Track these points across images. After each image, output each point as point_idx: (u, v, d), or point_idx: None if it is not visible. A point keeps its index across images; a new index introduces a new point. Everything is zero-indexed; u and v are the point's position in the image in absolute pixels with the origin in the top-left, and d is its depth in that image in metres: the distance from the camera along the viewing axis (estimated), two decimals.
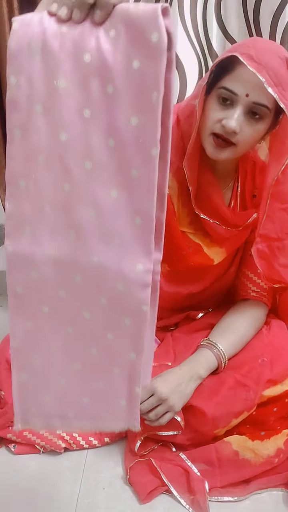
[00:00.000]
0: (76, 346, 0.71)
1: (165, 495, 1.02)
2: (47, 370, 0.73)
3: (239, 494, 1.01)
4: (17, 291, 0.67)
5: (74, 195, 0.60)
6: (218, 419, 1.04)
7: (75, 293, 0.66)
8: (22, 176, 0.60)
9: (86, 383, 0.74)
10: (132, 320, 0.65)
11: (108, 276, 0.62)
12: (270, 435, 1.06)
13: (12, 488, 1.06)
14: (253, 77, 0.90)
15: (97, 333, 0.69)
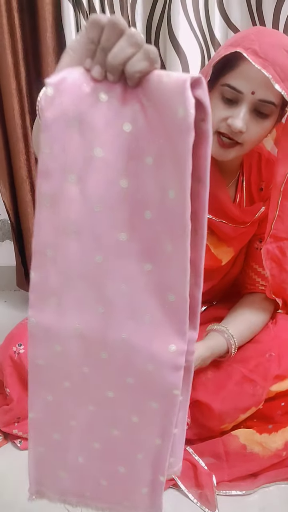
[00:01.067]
0: (97, 425, 0.67)
1: (172, 490, 1.02)
2: (65, 446, 0.69)
3: (247, 488, 1.01)
4: (38, 363, 0.63)
5: (105, 268, 0.56)
6: (225, 414, 1.03)
7: (99, 370, 0.62)
8: (50, 246, 0.56)
9: (106, 465, 0.70)
10: (161, 404, 0.61)
11: (137, 355, 0.59)
12: (278, 428, 1.05)
13: (18, 483, 1.05)
14: (258, 74, 0.86)
15: (121, 414, 0.64)
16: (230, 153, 0.96)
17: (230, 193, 1.12)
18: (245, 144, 0.94)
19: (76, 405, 0.66)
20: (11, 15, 1.43)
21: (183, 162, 0.48)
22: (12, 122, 1.52)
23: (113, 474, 0.69)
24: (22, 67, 1.48)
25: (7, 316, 1.71)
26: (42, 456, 0.70)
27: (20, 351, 1.10)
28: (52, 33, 1.43)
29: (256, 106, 0.90)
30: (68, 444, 0.69)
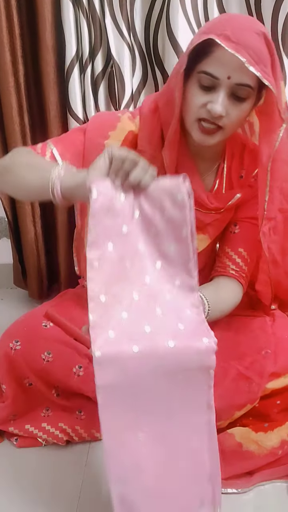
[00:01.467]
0: (158, 428, 0.79)
1: None
2: (138, 466, 0.80)
3: (243, 486, 1.01)
4: (107, 391, 0.76)
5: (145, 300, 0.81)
6: (221, 411, 1.03)
7: (156, 379, 0.76)
8: (103, 293, 0.78)
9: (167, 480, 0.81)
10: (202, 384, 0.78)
11: (183, 351, 0.76)
12: (273, 427, 1.05)
13: (14, 481, 1.05)
14: (232, 58, 0.88)
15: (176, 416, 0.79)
16: (213, 138, 0.99)
17: (209, 180, 1.14)
18: (225, 128, 0.97)
19: (142, 410, 0.78)
20: (10, 13, 1.42)
21: (183, 225, 0.80)
22: (10, 120, 1.52)
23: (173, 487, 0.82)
24: (20, 65, 1.48)
25: (4, 314, 1.70)
26: (123, 490, 0.82)
27: (17, 347, 1.09)
28: (51, 31, 1.43)
29: (233, 90, 0.93)
30: (139, 461, 0.79)
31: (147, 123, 1.07)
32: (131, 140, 1.07)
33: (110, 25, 1.39)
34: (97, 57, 1.43)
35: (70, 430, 1.13)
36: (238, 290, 1.14)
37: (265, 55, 0.90)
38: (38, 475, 1.07)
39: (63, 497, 1.01)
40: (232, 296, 1.13)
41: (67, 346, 1.13)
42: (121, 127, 1.07)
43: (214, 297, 1.04)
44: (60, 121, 1.54)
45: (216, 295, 1.07)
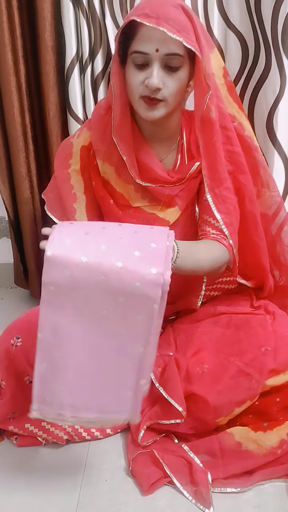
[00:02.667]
0: (93, 339, 0.83)
1: (167, 487, 1.02)
2: (65, 362, 0.84)
3: (242, 485, 1.01)
4: (50, 289, 0.81)
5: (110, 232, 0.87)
6: (221, 407, 1.04)
7: (98, 293, 0.80)
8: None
9: (98, 376, 0.86)
10: (143, 316, 0.81)
11: (128, 275, 0.78)
12: (273, 426, 1.05)
13: (14, 480, 1.06)
14: (156, 32, 0.95)
15: (112, 328, 0.83)
16: (158, 111, 1.05)
17: (171, 159, 1.20)
18: (167, 99, 1.04)
19: (75, 325, 0.83)
20: (11, 13, 1.43)
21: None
22: (11, 120, 1.53)
23: (105, 381, 0.86)
24: (21, 65, 1.48)
25: (4, 314, 1.71)
26: (45, 371, 0.86)
27: (18, 343, 1.10)
28: (51, 32, 1.44)
29: (165, 62, 1.00)
30: (68, 359, 0.84)
31: (98, 124, 1.17)
32: (85, 153, 1.19)
33: (111, 25, 1.39)
34: (97, 57, 1.44)
35: (70, 429, 1.14)
36: (219, 247, 1.11)
37: (186, 23, 0.97)
38: (38, 474, 1.07)
39: (63, 496, 1.01)
40: (211, 249, 1.11)
41: None
42: (75, 151, 1.20)
43: (188, 245, 1.02)
44: (60, 121, 1.54)
45: (191, 244, 1.07)
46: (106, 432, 1.15)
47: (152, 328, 0.82)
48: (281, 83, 1.30)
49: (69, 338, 0.84)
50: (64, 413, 0.88)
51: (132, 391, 0.86)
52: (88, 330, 0.83)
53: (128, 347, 0.84)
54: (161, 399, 1.08)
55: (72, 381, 0.86)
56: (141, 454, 1.06)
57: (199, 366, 1.09)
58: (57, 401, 0.87)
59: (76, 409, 0.88)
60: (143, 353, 0.84)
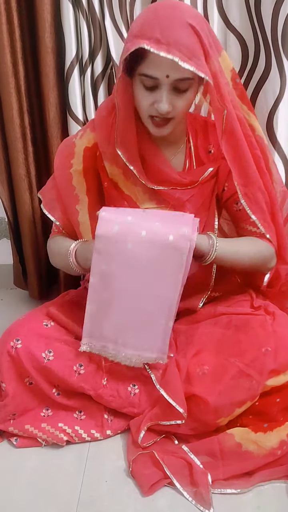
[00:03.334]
0: (133, 286, 1.02)
1: (168, 488, 1.02)
2: (110, 302, 1.04)
3: (242, 486, 1.01)
4: (101, 240, 1.00)
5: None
6: (221, 408, 1.04)
7: (138, 245, 0.99)
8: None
9: (136, 317, 1.04)
10: (174, 266, 0.99)
11: (161, 231, 0.99)
12: (273, 427, 1.05)
13: (14, 481, 1.05)
14: (167, 58, 0.93)
15: (149, 277, 1.01)
16: (167, 128, 1.09)
17: (179, 161, 1.21)
18: (176, 117, 1.07)
19: (120, 273, 1.02)
20: (10, 15, 1.43)
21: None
22: (10, 121, 1.53)
23: (139, 323, 1.05)
24: (20, 66, 1.48)
25: (4, 315, 1.70)
26: (94, 311, 1.06)
27: (18, 346, 1.10)
28: (50, 32, 1.44)
29: (174, 85, 1.01)
30: (112, 302, 1.04)
31: (102, 127, 1.16)
32: (89, 154, 1.19)
33: (110, 26, 1.39)
34: (97, 59, 1.44)
35: (70, 430, 1.14)
36: (261, 242, 1.19)
37: (197, 48, 0.96)
38: (37, 475, 1.07)
39: (63, 497, 1.01)
40: (251, 243, 1.19)
41: (67, 345, 1.14)
42: (78, 151, 1.19)
43: (225, 239, 1.14)
44: (59, 122, 1.54)
45: (228, 238, 1.17)
46: (106, 433, 1.15)
47: (180, 277, 1.00)
48: (281, 84, 1.31)
49: (113, 282, 1.02)
50: (107, 346, 1.08)
51: (161, 332, 1.04)
52: (129, 276, 1.01)
53: (160, 293, 1.01)
54: (161, 400, 1.08)
55: (115, 319, 1.05)
56: (141, 455, 1.06)
57: (199, 367, 1.09)
58: (102, 335, 1.07)
59: (117, 344, 1.07)
60: (172, 299, 1.02)
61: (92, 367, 1.14)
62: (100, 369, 1.14)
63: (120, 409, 1.15)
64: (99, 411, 1.16)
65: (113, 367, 1.14)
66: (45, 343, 1.13)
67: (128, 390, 1.14)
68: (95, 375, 1.14)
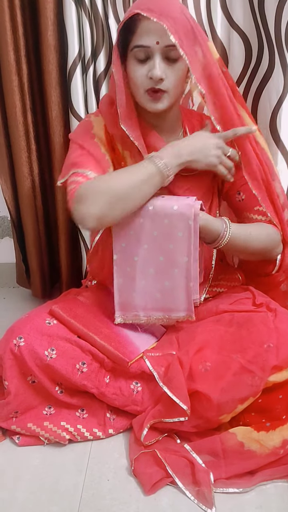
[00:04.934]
0: (150, 256, 1.13)
1: (170, 487, 1.02)
2: (133, 274, 1.15)
3: (244, 486, 1.01)
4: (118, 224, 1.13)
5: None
6: (224, 404, 1.03)
7: (149, 219, 1.10)
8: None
9: (158, 283, 1.14)
10: (183, 232, 1.08)
11: (169, 203, 1.09)
12: (275, 426, 1.05)
13: (16, 480, 1.06)
14: (156, 25, 1.02)
15: (163, 245, 1.11)
16: (162, 103, 1.12)
17: None
18: (169, 90, 1.10)
19: (137, 246, 1.13)
20: (14, 13, 1.43)
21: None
22: (14, 119, 1.53)
23: (163, 288, 1.14)
24: (24, 64, 1.48)
25: (6, 313, 1.71)
26: (122, 284, 1.17)
27: (21, 344, 1.10)
28: (53, 31, 1.44)
29: (165, 54, 1.06)
30: (135, 273, 1.15)
31: (108, 113, 1.20)
32: (105, 130, 1.21)
33: (114, 25, 1.39)
34: (99, 57, 1.44)
35: (72, 429, 1.14)
36: (270, 227, 1.22)
37: (184, 25, 1.05)
38: (39, 474, 1.07)
39: (65, 495, 1.01)
40: (261, 227, 1.22)
41: (70, 343, 1.14)
42: (97, 125, 1.21)
43: (238, 224, 1.19)
44: (62, 120, 1.54)
45: (240, 224, 1.21)
46: (108, 432, 1.15)
47: (191, 240, 1.08)
48: (285, 83, 1.30)
49: (133, 255, 1.13)
50: (138, 313, 1.18)
51: (184, 292, 1.13)
52: (146, 248, 1.12)
53: (176, 258, 1.11)
54: (164, 397, 1.08)
55: (141, 288, 1.15)
56: (144, 454, 1.06)
57: (201, 364, 1.09)
58: (132, 305, 1.17)
59: (146, 309, 1.17)
60: (188, 262, 1.10)
61: (95, 365, 1.14)
62: (102, 367, 1.15)
63: (123, 407, 1.15)
64: (101, 410, 1.16)
65: (115, 366, 1.14)
66: (48, 341, 1.13)
67: (131, 388, 1.15)
68: (98, 373, 1.14)
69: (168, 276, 1.13)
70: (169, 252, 1.11)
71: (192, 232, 1.07)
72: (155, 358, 1.15)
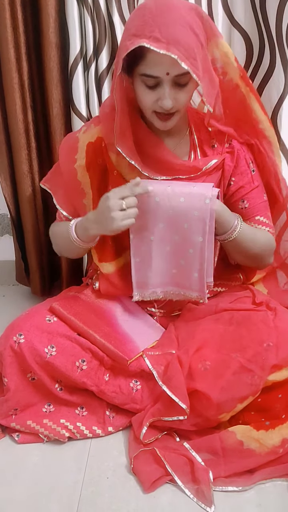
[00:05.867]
0: (166, 235, 1.13)
1: (169, 485, 1.02)
2: (149, 253, 1.16)
3: (243, 484, 1.01)
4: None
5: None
6: (223, 403, 1.04)
7: (165, 197, 1.10)
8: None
9: (174, 260, 1.16)
10: (199, 212, 1.08)
11: (186, 189, 1.11)
12: (275, 425, 1.05)
13: (15, 477, 1.06)
14: (166, 57, 0.96)
15: (179, 223, 1.11)
16: (171, 122, 1.13)
17: (183, 150, 1.23)
18: (180, 110, 1.11)
19: (153, 225, 1.13)
20: (14, 9, 1.43)
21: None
22: (14, 117, 1.52)
23: (178, 265, 1.16)
24: (24, 61, 1.48)
25: (6, 311, 1.71)
26: (138, 263, 1.19)
27: (21, 340, 1.10)
28: (55, 28, 1.43)
29: (175, 81, 1.04)
30: (151, 251, 1.16)
31: (106, 120, 1.18)
32: (92, 149, 1.20)
33: (119, 23, 1.39)
34: (101, 55, 1.43)
35: (71, 426, 1.14)
36: (269, 234, 1.26)
37: (193, 47, 0.98)
38: (39, 471, 1.07)
39: (65, 493, 1.01)
40: (263, 232, 1.25)
41: (70, 340, 1.15)
42: (81, 146, 1.21)
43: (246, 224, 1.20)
44: (63, 118, 1.54)
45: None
46: (108, 430, 1.15)
47: (207, 221, 1.08)
48: (286, 81, 1.30)
49: (149, 234, 1.14)
50: (156, 291, 1.20)
51: (198, 272, 1.14)
52: (161, 227, 1.12)
53: (191, 237, 1.11)
54: (163, 396, 1.08)
55: (157, 266, 1.17)
56: (143, 452, 1.06)
57: (201, 363, 1.09)
58: (150, 283, 1.19)
59: (163, 285, 1.19)
60: (203, 242, 1.10)
61: (94, 363, 1.14)
62: (102, 365, 1.15)
63: (122, 405, 1.15)
64: (101, 408, 1.17)
65: (115, 364, 1.14)
66: (48, 338, 1.13)
67: (131, 386, 1.15)
68: (98, 371, 1.14)
69: (183, 255, 1.14)
70: (185, 231, 1.11)
71: (208, 212, 1.07)
72: (155, 357, 1.15)
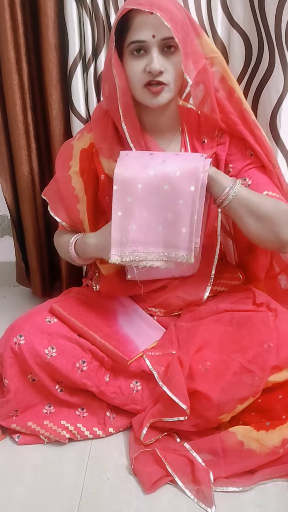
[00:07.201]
0: (155, 184, 1.03)
1: (169, 485, 1.02)
2: (134, 205, 1.04)
3: (244, 485, 1.01)
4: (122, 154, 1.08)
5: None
6: (223, 404, 1.03)
7: (162, 168, 1.03)
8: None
9: (161, 214, 1.05)
10: (195, 186, 1.01)
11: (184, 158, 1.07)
12: (275, 425, 1.05)
13: (16, 478, 1.06)
14: (150, 20, 1.02)
15: (170, 172, 1.02)
16: (162, 97, 1.11)
17: (174, 149, 1.23)
18: (169, 83, 1.10)
19: (143, 173, 1.03)
20: (14, 11, 1.43)
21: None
22: (14, 118, 1.53)
23: (165, 220, 1.05)
24: (24, 63, 1.48)
25: (7, 312, 1.71)
26: (121, 217, 1.05)
27: (21, 342, 1.10)
28: (54, 29, 1.44)
29: (162, 46, 1.06)
30: (136, 203, 1.04)
31: (99, 124, 1.20)
32: (85, 155, 1.22)
33: None
34: (100, 56, 1.44)
35: (72, 427, 1.14)
36: (280, 201, 1.15)
37: (177, 14, 1.03)
38: (39, 473, 1.07)
39: (65, 494, 1.01)
40: (276, 200, 1.14)
41: (70, 341, 1.15)
42: (75, 153, 1.23)
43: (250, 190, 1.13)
44: (62, 119, 1.54)
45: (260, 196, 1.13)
46: (108, 431, 1.15)
47: (201, 168, 1.02)
48: (285, 82, 1.30)
49: (136, 182, 1.03)
50: (137, 249, 1.07)
51: (187, 228, 1.04)
52: (152, 174, 1.03)
53: (182, 186, 1.02)
54: (164, 397, 1.08)
55: (141, 221, 1.05)
56: (143, 452, 1.06)
57: (201, 364, 1.09)
58: (131, 239, 1.06)
59: (146, 245, 1.07)
60: (195, 191, 1.02)
61: (94, 364, 1.14)
62: (102, 366, 1.15)
63: (122, 406, 1.15)
64: (101, 409, 1.17)
65: (115, 364, 1.14)
66: (48, 339, 1.13)
67: (131, 387, 1.15)
68: (98, 371, 1.14)
69: (173, 206, 1.03)
70: (176, 179, 1.02)
71: (203, 162, 1.03)
72: (155, 357, 1.15)
